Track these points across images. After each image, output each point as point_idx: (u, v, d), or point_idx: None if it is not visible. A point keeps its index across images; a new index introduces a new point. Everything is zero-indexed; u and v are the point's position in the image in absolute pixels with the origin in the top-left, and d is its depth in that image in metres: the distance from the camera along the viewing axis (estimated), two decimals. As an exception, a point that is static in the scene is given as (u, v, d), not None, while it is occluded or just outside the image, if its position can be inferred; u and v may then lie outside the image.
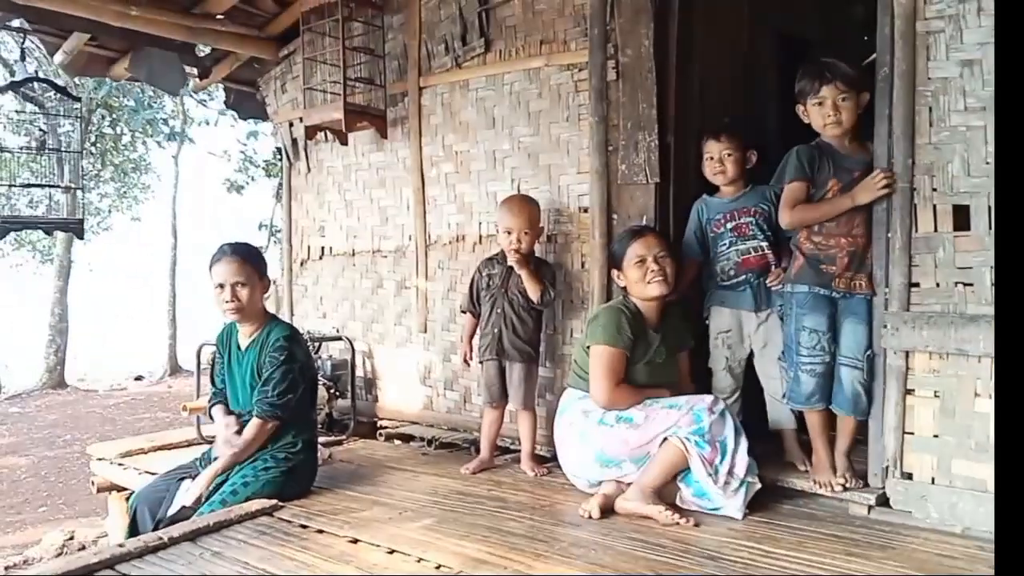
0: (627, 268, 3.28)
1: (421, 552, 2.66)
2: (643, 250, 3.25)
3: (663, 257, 3.25)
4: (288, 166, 5.52)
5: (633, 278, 3.27)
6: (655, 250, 3.25)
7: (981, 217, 2.78)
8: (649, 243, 3.27)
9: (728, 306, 3.55)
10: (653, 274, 3.21)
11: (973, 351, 2.75)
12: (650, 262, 3.22)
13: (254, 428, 3.27)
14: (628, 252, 3.28)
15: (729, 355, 3.55)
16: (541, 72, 4.10)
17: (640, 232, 3.35)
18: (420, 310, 4.68)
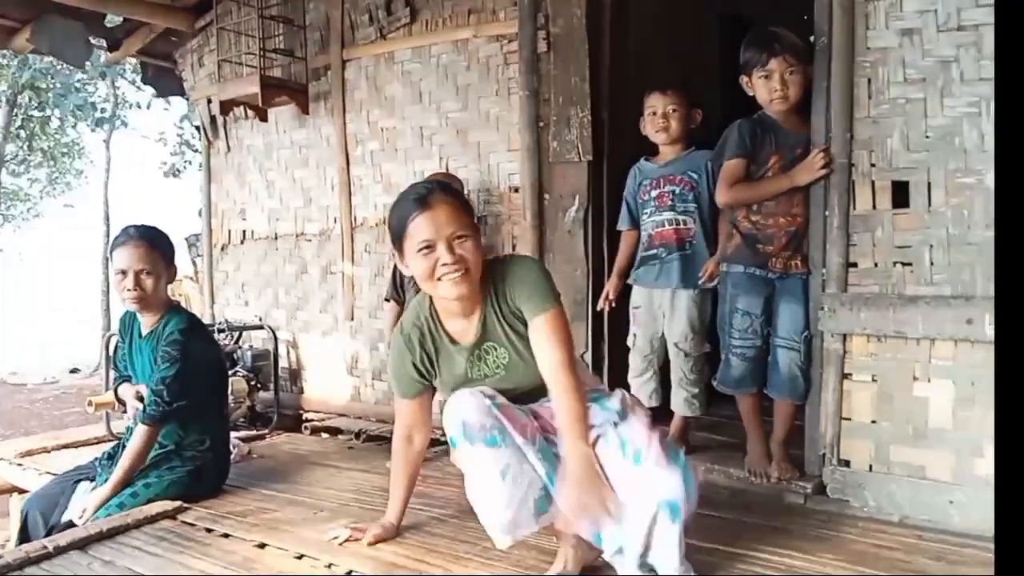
0: (409, 256, 2.13)
1: (332, 556, 2.46)
2: (429, 231, 2.06)
3: (461, 239, 2.08)
4: (207, 145, 5.22)
5: (419, 272, 2.13)
6: (449, 228, 2.06)
7: (920, 194, 2.67)
8: (439, 218, 2.06)
9: (640, 281, 3.34)
10: (446, 268, 2.07)
11: (912, 333, 2.65)
12: (441, 250, 2.07)
13: (140, 437, 2.98)
14: (409, 230, 2.10)
15: (639, 333, 3.34)
16: (469, 44, 3.90)
17: (425, 200, 2.08)
18: (346, 296, 4.46)
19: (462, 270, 2.07)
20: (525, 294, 2.15)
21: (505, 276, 2.18)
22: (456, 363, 2.27)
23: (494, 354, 2.25)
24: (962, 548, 2.43)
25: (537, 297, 2.14)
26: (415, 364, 2.32)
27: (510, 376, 2.25)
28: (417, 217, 2.07)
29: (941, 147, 2.63)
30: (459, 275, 2.08)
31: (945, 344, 2.62)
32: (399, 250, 2.19)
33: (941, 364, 2.63)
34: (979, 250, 2.57)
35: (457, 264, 2.06)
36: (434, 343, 2.29)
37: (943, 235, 2.63)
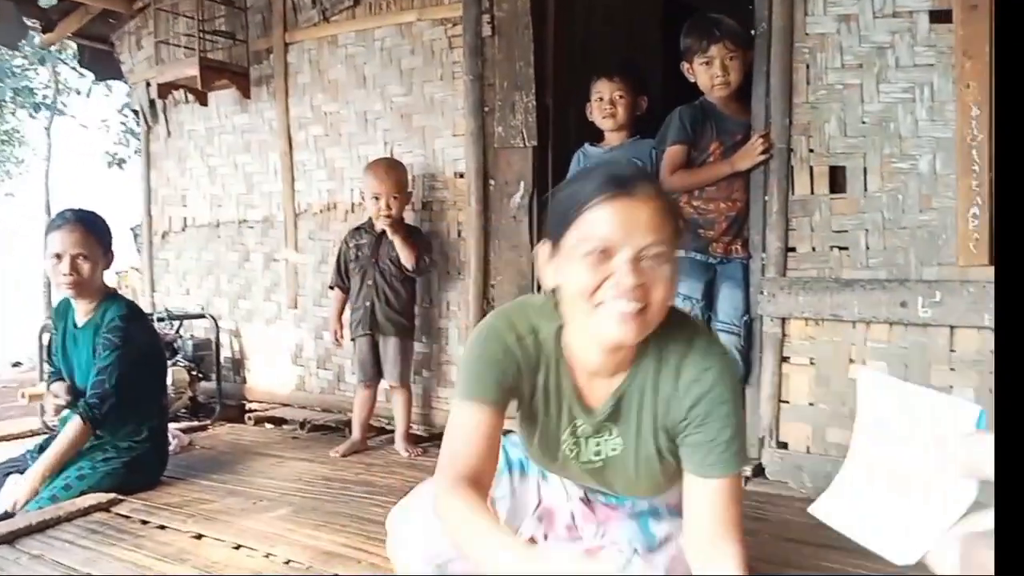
0: (565, 256, 1.36)
1: (270, 547, 2.41)
2: (615, 229, 1.30)
3: (658, 258, 1.31)
4: (146, 130, 5.08)
5: (575, 286, 1.35)
6: (646, 237, 1.29)
7: (857, 179, 2.71)
8: (638, 216, 1.30)
9: None
10: (620, 293, 1.31)
11: (848, 316, 2.69)
12: (622, 263, 1.29)
13: (76, 430, 2.88)
14: (583, 219, 1.32)
15: None
16: (413, 27, 3.84)
17: (626, 185, 1.32)
18: (290, 285, 4.38)
19: (640, 304, 1.29)
20: (714, 430, 1.40)
21: (680, 369, 1.43)
22: (560, 418, 1.53)
23: (606, 440, 1.53)
24: (895, 527, 2.48)
25: (736, 446, 1.41)
26: (510, 365, 1.46)
27: (604, 475, 1.58)
28: (605, 204, 1.30)
29: (877, 132, 2.67)
30: (633, 310, 1.29)
31: (880, 327, 2.67)
32: (554, 242, 1.38)
33: (876, 346, 2.68)
34: (912, 234, 2.62)
35: (638, 291, 1.28)
36: (548, 373, 1.49)
37: (878, 219, 2.68)
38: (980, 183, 2.48)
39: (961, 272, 2.53)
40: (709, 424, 1.40)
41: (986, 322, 2.46)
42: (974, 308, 2.48)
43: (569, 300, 1.37)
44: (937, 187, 2.58)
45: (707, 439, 1.40)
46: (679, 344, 1.44)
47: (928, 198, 2.60)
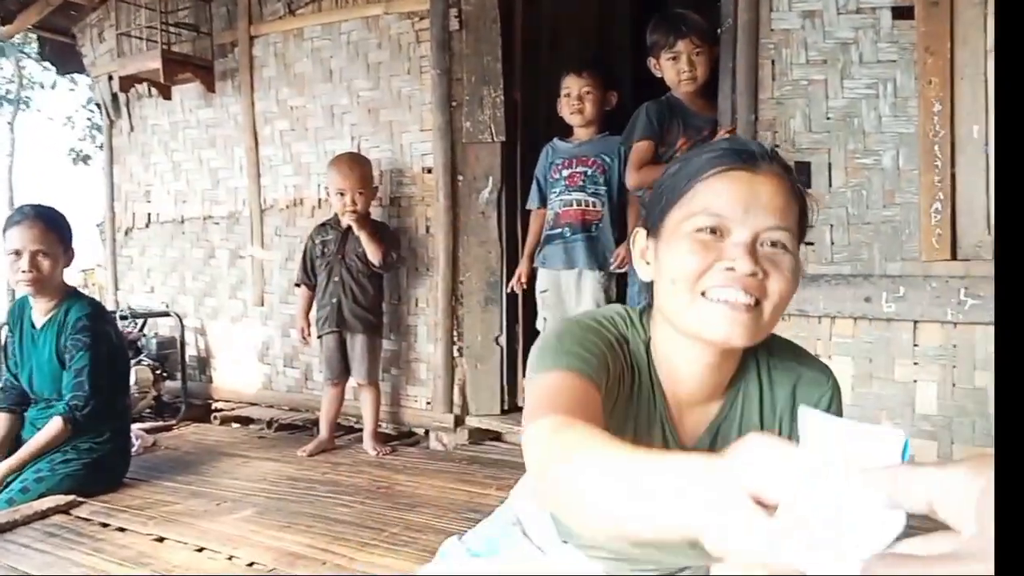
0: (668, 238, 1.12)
1: (233, 549, 2.38)
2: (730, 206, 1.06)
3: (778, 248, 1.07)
4: (109, 125, 4.99)
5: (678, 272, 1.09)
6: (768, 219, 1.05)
7: (821, 174, 2.72)
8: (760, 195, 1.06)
9: (546, 265, 3.31)
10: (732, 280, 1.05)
11: (814, 311, 2.70)
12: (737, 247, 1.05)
13: (54, 430, 2.85)
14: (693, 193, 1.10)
15: (548, 316, 3.32)
16: (380, 20, 3.80)
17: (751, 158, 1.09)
18: (256, 281, 4.32)
19: (753, 298, 1.05)
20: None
21: (797, 389, 1.21)
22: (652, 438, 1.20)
23: None
24: (860, 520, 2.49)
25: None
26: (609, 358, 1.10)
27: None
28: (721, 177, 1.08)
29: (841, 128, 2.68)
30: (746, 303, 1.04)
31: (845, 322, 2.68)
32: (653, 228, 1.16)
33: (841, 341, 2.69)
34: (876, 229, 2.64)
35: (752, 279, 1.04)
36: (642, 393, 1.18)
37: (843, 215, 2.69)
38: (942, 178, 2.50)
39: (924, 267, 2.55)
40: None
41: (949, 316, 2.49)
42: (937, 303, 2.50)
43: (666, 291, 1.11)
44: (900, 183, 2.59)
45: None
46: (788, 362, 1.22)
47: (892, 193, 2.61)
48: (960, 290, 2.46)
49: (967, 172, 2.49)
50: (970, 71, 2.48)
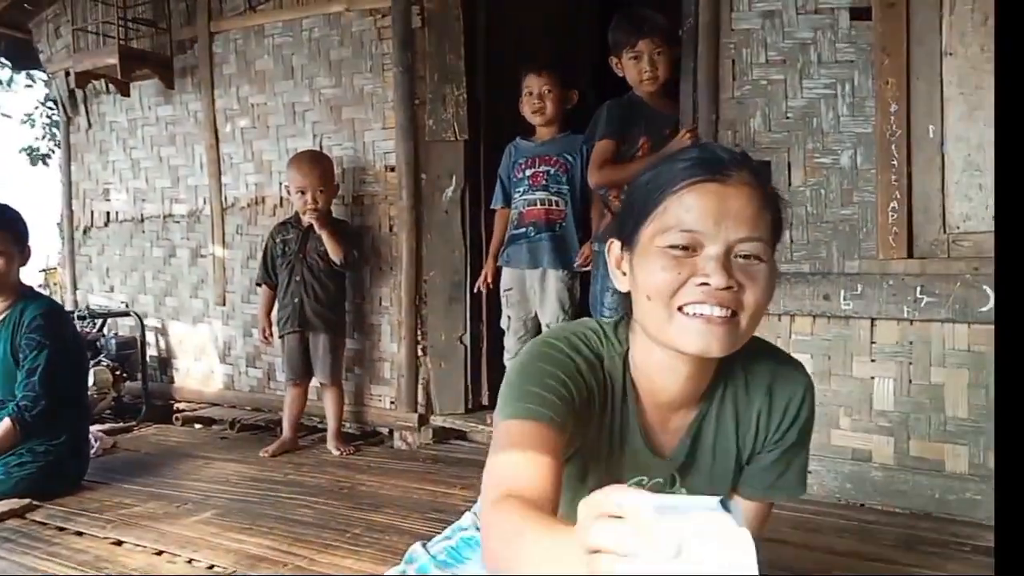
0: (642, 251, 1.13)
1: (193, 552, 2.35)
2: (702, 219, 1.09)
3: (750, 260, 1.09)
4: (66, 121, 4.90)
5: (651, 285, 1.12)
6: (739, 230, 1.08)
7: (781, 173, 2.75)
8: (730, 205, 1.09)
9: (510, 263, 3.31)
10: (705, 295, 1.08)
11: (774, 309, 2.73)
12: (710, 259, 1.07)
13: (2, 432, 2.80)
14: (664, 207, 1.11)
15: (512, 315, 3.32)
16: (342, 18, 3.77)
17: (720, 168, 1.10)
18: (218, 281, 4.27)
19: (728, 312, 1.08)
20: (798, 456, 1.33)
21: (772, 391, 1.27)
22: (619, 465, 1.26)
23: (666, 488, 1.30)
24: (817, 516, 2.53)
25: (803, 475, 1.36)
26: (575, 388, 1.15)
27: None
28: (692, 190, 1.09)
29: (800, 127, 2.71)
30: (721, 315, 1.07)
31: (804, 319, 2.71)
32: (627, 240, 1.17)
33: (800, 339, 2.73)
34: (835, 228, 2.67)
35: (726, 293, 1.07)
36: (610, 411, 1.23)
37: (802, 214, 2.72)
38: (899, 178, 2.54)
39: (881, 265, 2.59)
40: (798, 451, 1.31)
41: (905, 314, 2.53)
42: (893, 300, 2.54)
43: (643, 306, 1.14)
44: (858, 182, 2.63)
45: (791, 460, 1.30)
46: (764, 362, 1.28)
47: (849, 192, 2.65)
48: (916, 288, 2.50)
49: (923, 172, 2.53)
50: (926, 72, 2.52)
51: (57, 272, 7.53)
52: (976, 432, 2.46)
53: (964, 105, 2.47)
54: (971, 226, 2.48)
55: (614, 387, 1.22)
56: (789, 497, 1.35)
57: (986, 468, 2.45)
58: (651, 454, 1.25)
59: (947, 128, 2.50)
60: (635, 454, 1.24)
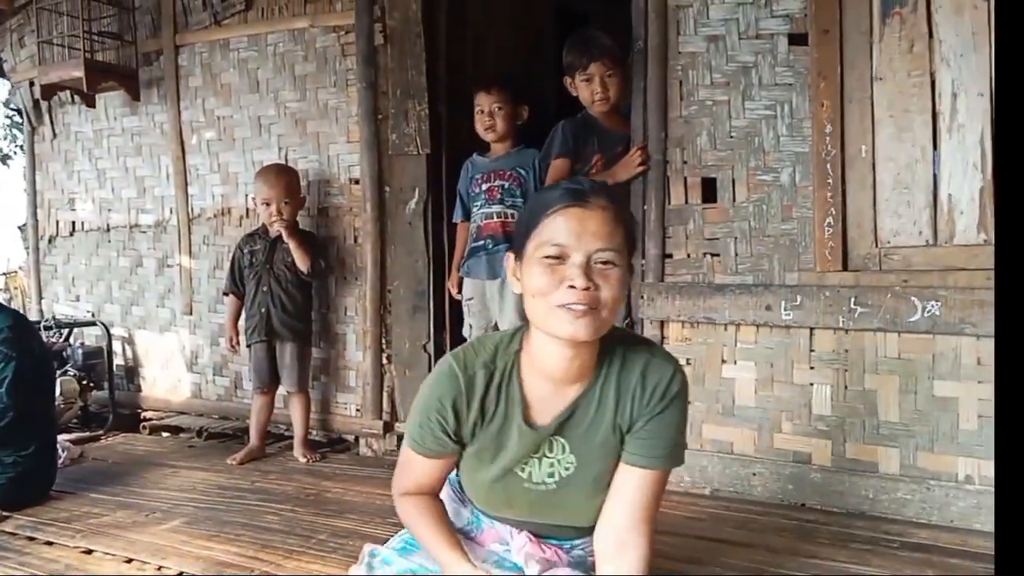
0: (528, 261, 1.49)
1: (162, 559, 2.43)
2: (568, 235, 1.44)
3: (607, 265, 1.45)
4: (30, 131, 4.92)
5: (532, 287, 1.48)
6: (596, 243, 1.44)
7: (726, 189, 2.89)
8: (589, 224, 1.45)
9: (470, 273, 3.40)
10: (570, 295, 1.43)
11: (720, 319, 2.87)
12: (574, 266, 1.44)
13: None
14: (542, 226, 1.47)
15: (474, 323, 3.42)
16: (306, 33, 3.85)
17: (582, 196, 1.47)
18: (184, 290, 4.33)
19: (587, 306, 1.41)
20: (669, 425, 1.56)
21: (646, 372, 1.56)
22: (510, 443, 1.60)
23: (559, 456, 1.60)
24: (761, 516, 2.67)
25: (677, 445, 1.59)
26: (455, 415, 1.57)
27: (560, 495, 1.63)
28: (560, 212, 1.44)
29: (743, 146, 2.85)
30: (582, 309, 1.41)
31: (748, 329, 2.85)
32: (517, 253, 1.54)
33: (745, 347, 2.87)
34: (776, 242, 2.82)
35: (586, 292, 1.41)
36: (499, 400, 1.59)
37: (746, 228, 2.86)
38: (834, 195, 2.69)
39: (819, 277, 2.73)
40: (666, 420, 1.56)
41: (841, 324, 2.67)
42: (830, 311, 2.68)
43: (530, 302, 1.50)
44: (797, 198, 2.77)
45: (661, 432, 1.56)
46: (641, 352, 1.59)
47: (789, 208, 2.79)
48: (851, 299, 2.64)
49: (856, 189, 2.68)
50: (858, 95, 2.67)
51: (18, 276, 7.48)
52: (907, 435, 2.62)
53: (893, 127, 2.63)
54: (900, 240, 2.63)
55: (504, 384, 1.59)
56: (662, 465, 1.58)
57: (916, 469, 2.60)
58: (529, 427, 1.58)
59: (877, 148, 2.65)
60: (523, 431, 1.58)
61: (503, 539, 1.71)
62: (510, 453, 1.60)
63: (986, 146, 2.50)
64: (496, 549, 1.72)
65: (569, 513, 1.66)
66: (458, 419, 1.58)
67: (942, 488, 2.55)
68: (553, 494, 1.62)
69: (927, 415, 2.59)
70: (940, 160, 2.58)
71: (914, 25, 2.59)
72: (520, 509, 1.68)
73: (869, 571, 2.21)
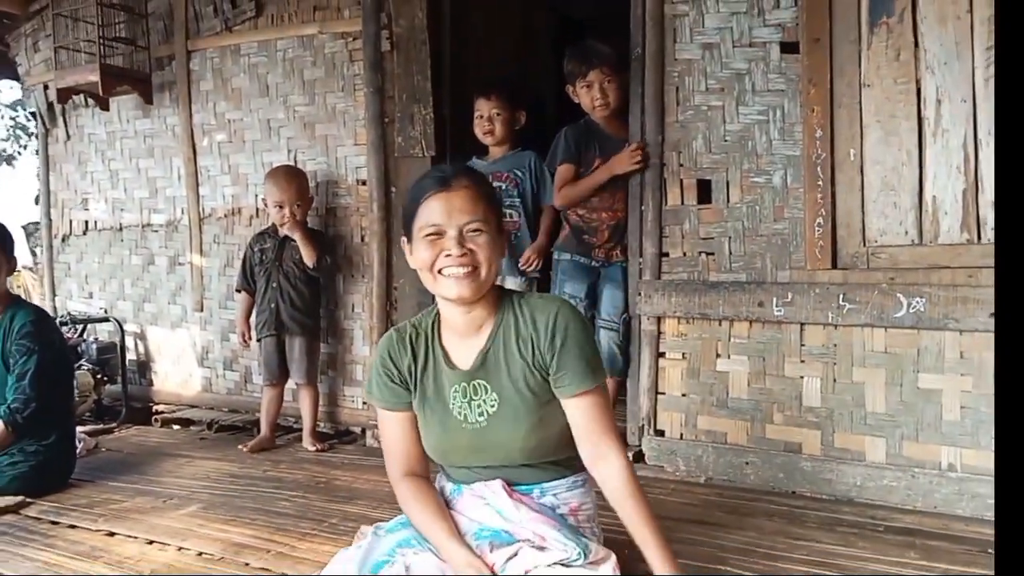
0: (415, 242, 1.79)
1: (181, 541, 2.54)
2: (440, 215, 1.74)
3: (476, 232, 1.75)
4: (44, 132, 5.05)
5: (420, 262, 1.78)
6: (464, 217, 1.74)
7: (720, 191, 3.01)
8: (454, 202, 1.74)
9: None
10: (450, 260, 1.73)
11: (714, 315, 2.99)
12: (450, 239, 1.74)
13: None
14: (419, 211, 1.77)
15: None
16: (315, 40, 3.98)
17: (446, 181, 1.76)
18: (195, 287, 4.45)
19: (468, 267, 1.72)
20: (573, 353, 1.77)
21: (534, 316, 1.82)
22: (442, 388, 1.87)
23: (483, 396, 1.84)
24: (753, 503, 2.78)
25: (590, 363, 1.79)
26: (395, 365, 1.88)
27: (492, 431, 1.83)
28: (431, 198, 1.74)
29: (736, 150, 2.98)
30: (464, 271, 1.71)
31: (742, 324, 2.97)
32: (407, 236, 1.82)
33: (738, 342, 2.99)
34: (768, 241, 2.94)
35: (464, 258, 1.71)
36: (427, 352, 1.89)
37: (739, 228, 2.98)
38: (824, 196, 2.81)
39: (809, 275, 2.85)
40: (570, 349, 1.78)
41: (830, 319, 2.79)
42: (820, 307, 2.80)
43: (422, 274, 1.79)
44: (788, 199, 2.89)
45: (572, 361, 1.77)
46: (528, 303, 1.86)
47: (781, 209, 2.91)
48: (839, 295, 2.76)
49: (845, 191, 2.80)
50: (847, 101, 2.79)
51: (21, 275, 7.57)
52: (893, 425, 2.73)
53: (880, 131, 2.75)
54: (887, 240, 2.75)
55: (428, 339, 1.89)
56: (589, 385, 1.78)
57: (902, 457, 2.72)
58: (451, 368, 1.86)
59: (865, 152, 2.77)
60: (451, 376, 1.85)
61: (481, 495, 1.85)
62: (444, 394, 1.86)
63: (968, 150, 2.62)
64: (478, 516, 1.83)
65: (504, 449, 1.85)
66: (397, 367, 1.88)
67: (926, 475, 2.66)
68: (486, 431, 1.84)
69: (912, 406, 2.70)
70: (925, 163, 2.70)
71: (901, 35, 2.70)
72: (466, 453, 1.89)
73: (854, 552, 2.31)
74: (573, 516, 1.89)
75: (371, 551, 1.80)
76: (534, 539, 1.73)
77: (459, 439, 1.86)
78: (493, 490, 1.83)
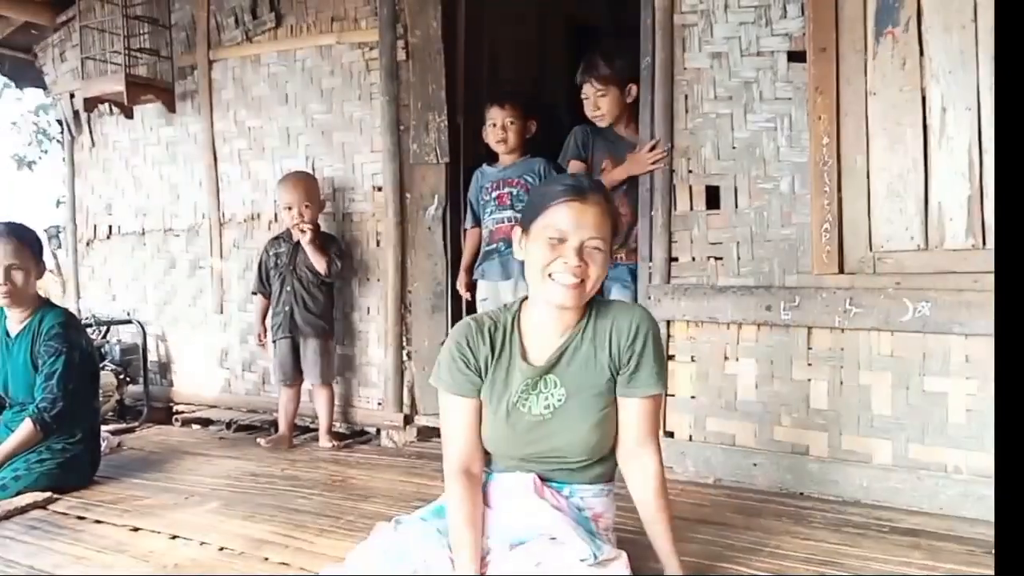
0: (533, 239, 1.89)
1: (203, 536, 2.62)
2: (569, 223, 1.83)
3: (595, 250, 1.84)
4: (70, 140, 5.17)
5: (535, 260, 1.88)
6: (589, 232, 1.83)
7: (728, 197, 3.07)
8: (586, 217, 1.83)
9: (485, 275, 3.60)
10: (565, 268, 1.83)
11: (723, 319, 3.04)
12: (570, 248, 1.83)
13: (25, 432, 3.06)
14: (549, 211, 1.85)
15: None
16: (333, 49, 4.07)
17: (582, 192, 1.85)
18: (215, 291, 4.55)
19: (579, 279, 1.82)
20: (650, 358, 1.92)
21: (617, 319, 1.94)
22: (512, 380, 1.95)
23: (552, 391, 1.94)
24: (761, 504, 2.83)
25: (660, 371, 1.94)
26: (473, 353, 1.95)
27: (556, 424, 1.93)
28: (563, 203, 1.82)
29: (745, 156, 3.03)
30: (574, 282, 1.82)
31: (749, 328, 3.02)
32: (525, 228, 1.91)
33: (746, 345, 3.04)
34: (776, 246, 2.99)
35: (578, 270, 1.81)
36: (504, 345, 1.97)
37: (747, 233, 3.04)
38: (831, 202, 2.85)
39: (816, 279, 2.89)
40: (649, 354, 1.92)
41: (836, 323, 2.83)
42: (827, 311, 2.84)
43: (531, 270, 1.89)
44: (796, 205, 2.94)
45: (648, 366, 1.91)
46: (609, 307, 1.98)
47: (788, 214, 2.96)
48: (846, 300, 2.80)
49: (852, 197, 2.84)
50: (853, 109, 2.83)
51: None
52: (899, 428, 2.77)
53: (886, 139, 2.79)
54: (893, 245, 2.79)
55: (506, 333, 1.97)
56: (652, 389, 1.93)
57: (908, 459, 2.75)
58: (527, 364, 1.95)
59: (872, 159, 2.81)
60: (522, 370, 1.94)
61: (509, 489, 1.94)
62: (513, 386, 1.94)
63: (973, 156, 2.66)
64: (506, 519, 1.89)
65: (562, 439, 1.94)
66: (475, 355, 1.95)
67: (932, 477, 2.69)
68: (549, 423, 1.94)
69: (918, 409, 2.74)
70: (930, 170, 2.74)
71: (906, 44, 2.75)
72: (524, 444, 1.96)
73: (860, 552, 2.35)
74: (595, 522, 1.98)
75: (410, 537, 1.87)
76: (551, 531, 1.81)
77: (520, 429, 1.95)
78: (524, 484, 1.93)
